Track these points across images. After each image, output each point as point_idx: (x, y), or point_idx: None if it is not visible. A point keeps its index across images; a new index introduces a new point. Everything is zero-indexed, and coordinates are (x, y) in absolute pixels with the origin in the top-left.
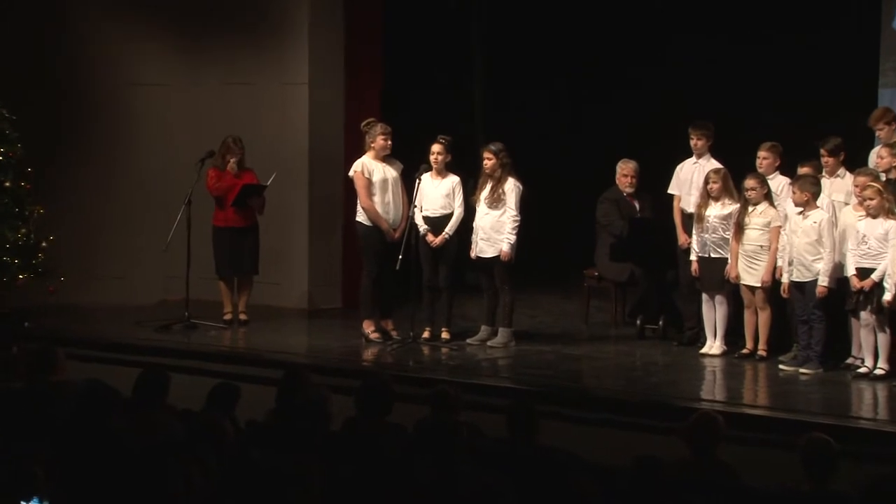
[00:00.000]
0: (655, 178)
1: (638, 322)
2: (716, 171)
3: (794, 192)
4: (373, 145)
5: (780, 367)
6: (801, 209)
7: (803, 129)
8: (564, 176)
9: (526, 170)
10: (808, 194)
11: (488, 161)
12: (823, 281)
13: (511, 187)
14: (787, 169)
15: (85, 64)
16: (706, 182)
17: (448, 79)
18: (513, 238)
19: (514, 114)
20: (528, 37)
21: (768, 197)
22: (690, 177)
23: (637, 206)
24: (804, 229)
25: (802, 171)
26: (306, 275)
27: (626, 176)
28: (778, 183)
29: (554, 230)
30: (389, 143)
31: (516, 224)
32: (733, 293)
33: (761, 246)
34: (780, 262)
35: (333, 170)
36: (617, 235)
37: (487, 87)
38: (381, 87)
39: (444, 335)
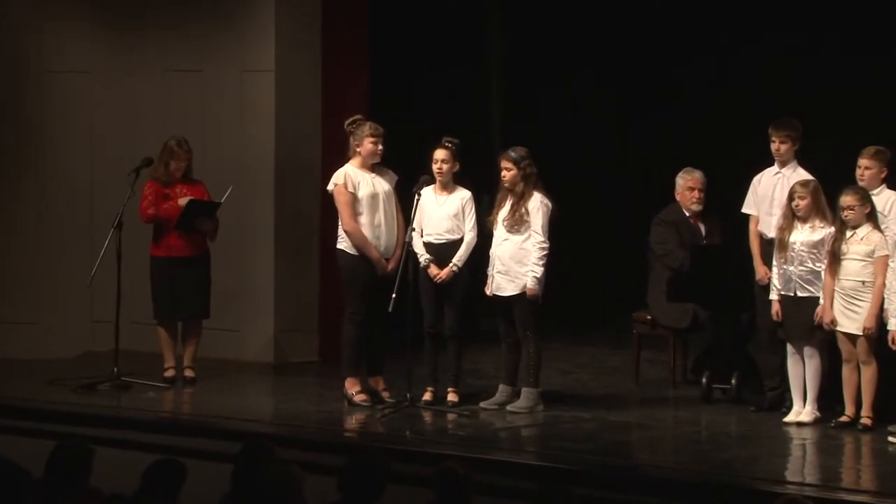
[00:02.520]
0: (722, 195)
1: (703, 380)
2: (803, 183)
3: None
4: (359, 150)
5: (890, 438)
6: None
7: None
8: (605, 192)
9: (555, 184)
10: None
11: (508, 172)
12: None
13: (537, 205)
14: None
15: None
16: (790, 198)
17: (456, 68)
18: (539, 271)
19: (541, 113)
20: (557, 18)
21: (872, 218)
22: (771, 192)
23: (703, 229)
24: None
25: None
26: (272, 319)
27: (692, 189)
28: (885, 199)
29: (593, 261)
30: (380, 147)
31: (544, 252)
32: (828, 343)
33: (863, 282)
34: (887, 304)
35: (308, 182)
36: (676, 268)
37: (506, 78)
38: (368, 77)
39: (452, 397)
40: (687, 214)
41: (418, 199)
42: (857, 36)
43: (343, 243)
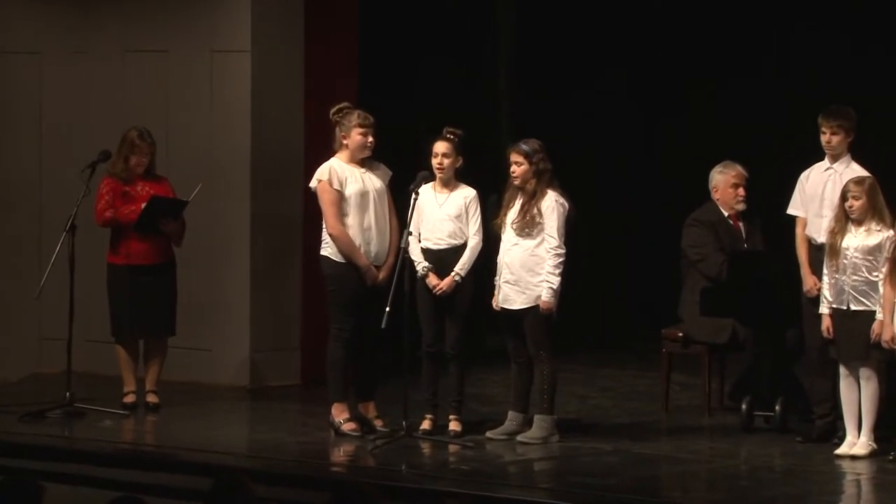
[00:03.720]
0: (764, 194)
1: (743, 406)
2: (858, 181)
3: None
4: (346, 143)
5: None
6: None
7: None
8: (630, 190)
9: (572, 182)
10: None
11: (518, 167)
12: None
13: (551, 205)
14: None
15: None
16: (843, 198)
17: (460, 50)
18: (555, 280)
19: (556, 102)
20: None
21: None
22: (820, 190)
23: (743, 232)
24: None
25: None
26: (247, 336)
27: (735, 186)
28: None
29: (615, 269)
30: (371, 140)
31: (560, 259)
32: (886, 364)
33: None
34: None
35: (288, 179)
36: (713, 276)
37: (516, 62)
38: (357, 60)
39: (454, 426)
40: (726, 214)
41: (415, 199)
42: None
43: (328, 249)
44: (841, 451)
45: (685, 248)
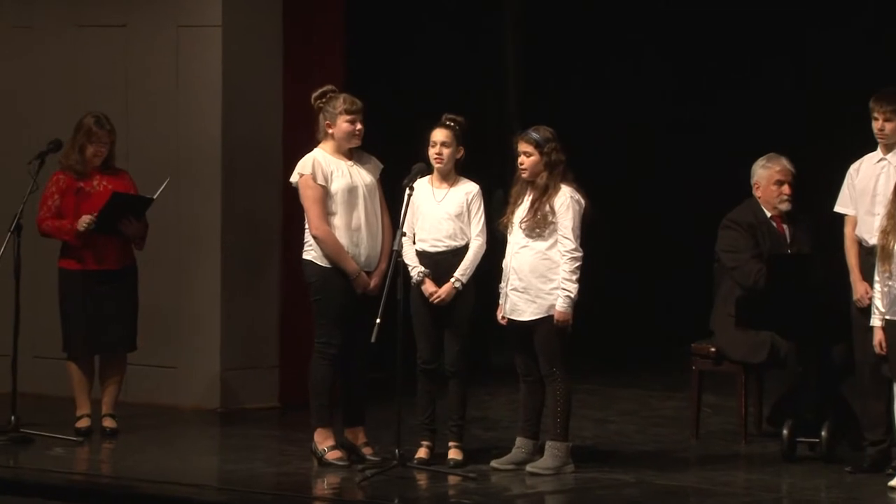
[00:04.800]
0: (811, 190)
1: (784, 432)
2: None
3: None
4: (331, 131)
5: None
6: None
7: None
8: (655, 184)
9: (588, 176)
10: None
11: (527, 158)
12: None
13: (566, 202)
14: None
15: None
16: None
17: (460, 24)
18: (573, 288)
19: (571, 86)
20: None
21: None
22: (872, 185)
23: (787, 234)
24: None
25: None
26: (218, 352)
27: (779, 183)
28: None
29: (638, 276)
30: (360, 127)
31: (577, 264)
32: None
33: None
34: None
35: (265, 172)
36: (750, 285)
37: (527, 38)
38: (344, 36)
39: (454, 454)
40: (768, 215)
41: (410, 195)
42: None
43: (311, 252)
44: (895, 482)
45: (719, 252)
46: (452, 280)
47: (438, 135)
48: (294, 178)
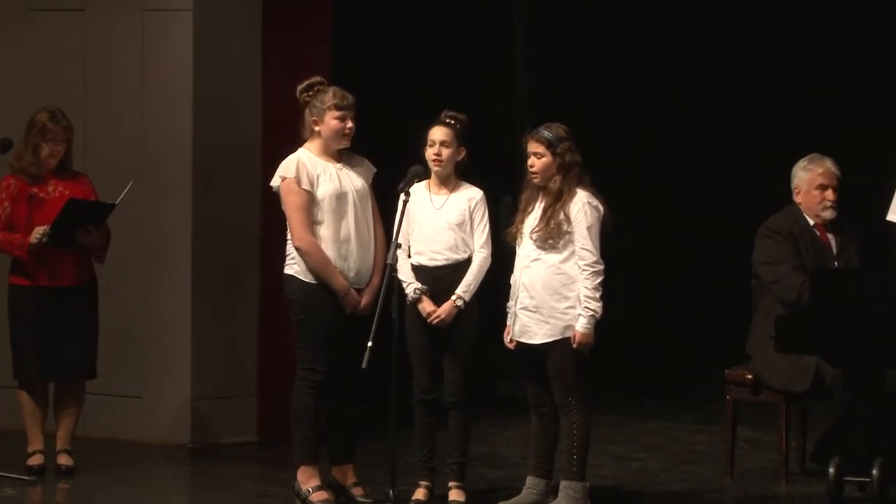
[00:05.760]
0: (855, 197)
1: (831, 470)
2: None
3: None
4: (318, 129)
5: None
6: None
7: None
8: (682, 190)
9: (606, 180)
10: None
11: (538, 159)
12: None
13: (582, 209)
14: None
15: None
16: None
17: (463, 12)
18: (595, 306)
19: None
20: None
21: None
22: None
23: (833, 245)
24: None
25: None
26: (188, 379)
27: (823, 188)
28: None
29: (664, 292)
30: (350, 126)
31: (599, 278)
32: None
33: None
34: None
35: (242, 174)
36: (792, 301)
37: (536, 26)
38: (332, 22)
39: (456, 495)
40: (811, 223)
41: (406, 201)
42: None
43: (294, 266)
44: None
45: (756, 265)
46: (453, 298)
47: (437, 133)
48: (275, 182)
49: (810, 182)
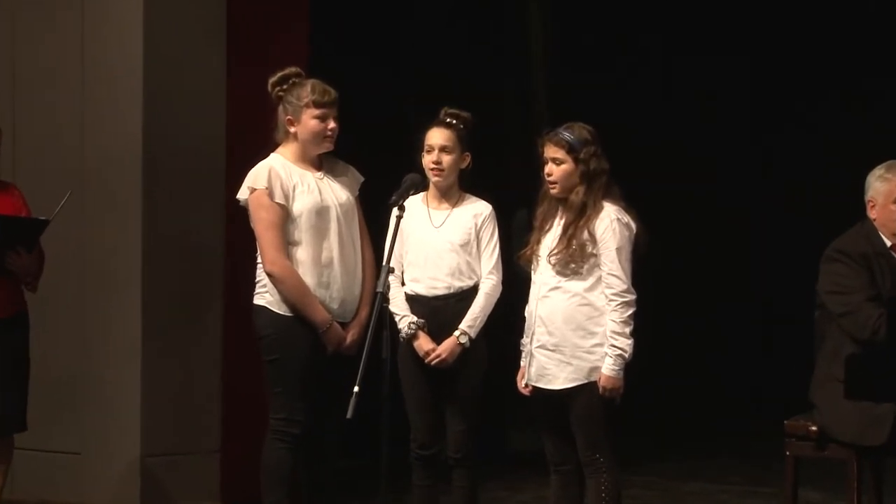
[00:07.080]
0: None
1: None
2: None
3: None
4: (295, 131)
5: None
6: None
7: None
8: (730, 202)
9: (639, 192)
10: None
11: (557, 166)
12: None
13: (610, 226)
14: None
15: None
16: None
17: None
18: (625, 344)
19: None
20: None
21: None
22: None
23: None
24: None
25: None
26: (138, 432)
27: None
28: None
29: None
30: (333, 126)
31: (630, 310)
32: None
33: None
34: None
35: (202, 185)
36: (866, 339)
37: (557, 14)
38: (309, 5)
39: None
40: (888, 244)
41: (400, 217)
42: None
43: (265, 296)
44: None
45: (823, 294)
46: (456, 334)
47: (436, 136)
48: (242, 195)
49: (888, 195)
